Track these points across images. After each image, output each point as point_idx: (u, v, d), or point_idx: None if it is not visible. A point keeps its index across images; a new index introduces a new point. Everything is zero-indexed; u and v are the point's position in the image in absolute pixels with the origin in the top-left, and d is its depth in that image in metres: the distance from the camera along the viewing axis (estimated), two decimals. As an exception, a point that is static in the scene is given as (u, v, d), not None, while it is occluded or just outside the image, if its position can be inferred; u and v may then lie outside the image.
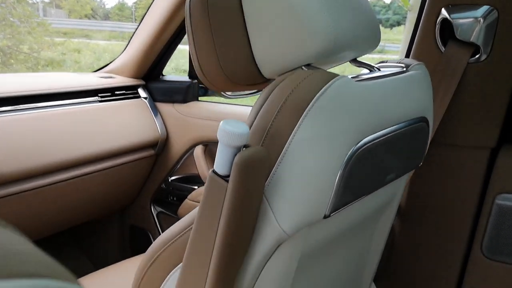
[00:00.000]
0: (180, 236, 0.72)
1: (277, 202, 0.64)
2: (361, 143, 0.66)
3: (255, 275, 0.69)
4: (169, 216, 1.68)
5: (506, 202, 1.02)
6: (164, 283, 0.74)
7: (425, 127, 0.84)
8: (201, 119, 1.55)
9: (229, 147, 0.61)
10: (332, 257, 0.88)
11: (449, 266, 1.12)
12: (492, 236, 1.05)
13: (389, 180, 0.81)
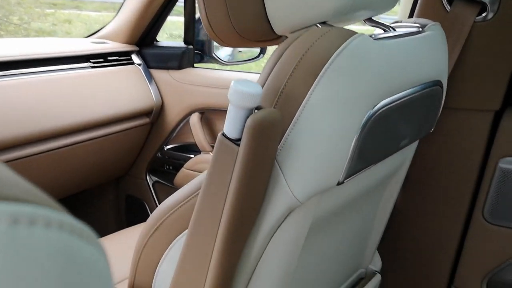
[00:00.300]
0: (186, 202, 0.69)
1: (289, 168, 0.61)
2: (378, 106, 0.63)
3: (264, 243, 0.67)
4: (165, 185, 1.66)
5: (509, 165, 1.00)
6: (169, 249, 0.71)
7: (440, 91, 0.81)
8: (197, 86, 1.51)
9: (241, 108, 0.58)
10: (340, 224, 0.86)
11: (450, 230, 1.11)
12: (494, 201, 1.03)
13: (402, 146, 0.79)
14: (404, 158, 0.93)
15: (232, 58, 1.72)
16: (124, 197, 1.78)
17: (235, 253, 0.65)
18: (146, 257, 0.74)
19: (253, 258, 0.68)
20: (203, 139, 1.50)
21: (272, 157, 0.61)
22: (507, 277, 1.05)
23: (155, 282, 0.74)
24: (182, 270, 0.67)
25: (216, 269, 0.63)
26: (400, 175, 0.97)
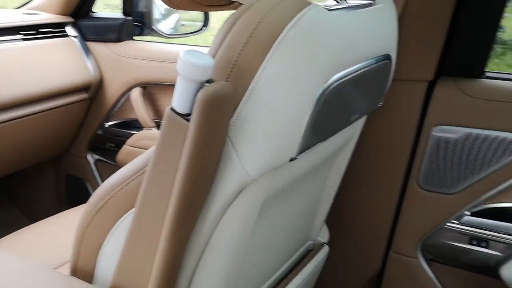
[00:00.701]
0: (132, 179, 0.66)
1: (242, 144, 0.59)
2: (332, 80, 0.62)
3: (215, 221, 0.65)
4: (108, 163, 1.61)
5: (441, 134, 1.03)
6: (114, 229, 0.68)
7: (389, 65, 0.81)
8: (138, 59, 1.46)
9: (191, 81, 0.55)
10: (290, 199, 0.86)
11: (388, 198, 1.15)
12: (427, 168, 1.07)
13: (353, 120, 0.79)
14: (353, 132, 0.94)
15: (175, 31, 1.68)
16: (64, 177, 1.72)
17: (185, 232, 0.63)
18: (89, 238, 0.70)
19: (204, 236, 0.66)
20: (145, 115, 1.46)
21: (224, 133, 0.59)
22: (439, 239, 1.10)
23: (99, 263, 0.71)
24: (128, 251, 0.65)
25: (166, 249, 0.61)
26: (349, 149, 0.99)
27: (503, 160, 0.98)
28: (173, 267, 0.64)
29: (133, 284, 0.65)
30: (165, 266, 0.62)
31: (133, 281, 0.66)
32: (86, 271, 0.72)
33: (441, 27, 1.00)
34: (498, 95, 0.98)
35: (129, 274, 0.66)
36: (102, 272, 0.71)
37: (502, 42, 4.76)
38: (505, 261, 1.02)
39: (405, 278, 1.16)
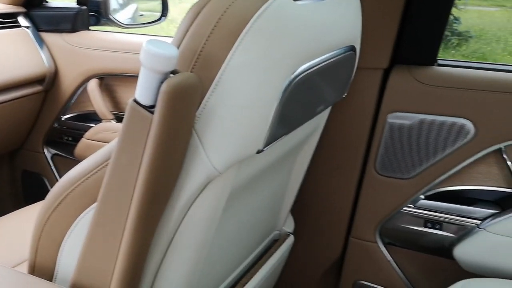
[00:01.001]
0: (92, 174, 0.64)
1: (208, 137, 0.58)
2: (298, 71, 0.62)
3: (181, 215, 0.64)
4: (65, 158, 1.57)
5: (396, 120, 1.06)
6: (74, 225, 0.66)
7: (353, 56, 0.81)
8: (95, 50, 1.42)
9: (155, 72, 0.53)
10: (256, 191, 0.86)
11: (348, 185, 1.17)
12: (384, 155, 1.09)
13: (319, 111, 0.79)
14: (318, 123, 0.95)
15: (133, 21, 1.65)
16: (20, 173, 1.67)
17: (150, 227, 0.62)
18: (48, 234, 0.68)
19: (169, 231, 0.65)
20: (103, 107, 1.43)
21: (190, 126, 0.58)
22: (396, 224, 1.13)
23: (59, 260, 0.69)
24: (90, 247, 0.64)
25: (130, 244, 0.60)
26: (314, 140, 0.99)
27: (455, 145, 1.01)
28: (137, 262, 0.63)
29: (95, 280, 0.64)
30: (129, 262, 0.61)
31: (95, 278, 0.64)
32: (46, 269, 0.70)
33: (395, 17, 1.02)
34: (450, 82, 1.01)
35: (91, 271, 0.64)
36: (63, 270, 0.69)
37: (457, 33, 4.91)
38: (458, 242, 1.06)
39: (364, 262, 1.19)
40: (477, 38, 5.05)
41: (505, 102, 0.97)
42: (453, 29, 4.73)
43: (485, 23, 5.41)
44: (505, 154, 0.99)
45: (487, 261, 1.02)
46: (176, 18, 5.68)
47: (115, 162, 0.59)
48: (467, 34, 4.99)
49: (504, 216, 1.01)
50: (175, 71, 0.55)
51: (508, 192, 1.03)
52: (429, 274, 1.15)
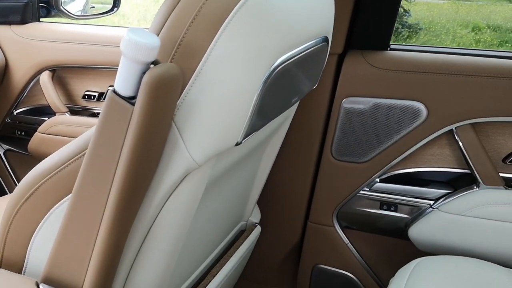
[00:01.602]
0: (66, 165, 0.63)
1: (188, 129, 0.57)
2: (277, 62, 0.61)
3: (158, 207, 0.64)
4: (19, 153, 1.53)
5: (351, 105, 1.08)
6: (46, 218, 0.65)
7: (326, 47, 0.82)
8: (46, 41, 1.38)
9: (136, 62, 0.52)
10: (226, 182, 0.86)
11: (305, 171, 1.18)
12: (339, 139, 1.12)
13: (293, 102, 0.79)
14: (288, 114, 0.96)
15: (84, 12, 1.61)
16: (-29, 170, 1.60)
17: (128, 220, 0.61)
18: (17, 228, 0.66)
19: (146, 223, 0.64)
20: (56, 100, 1.40)
21: (170, 117, 0.56)
22: (353, 207, 1.16)
23: (29, 254, 0.67)
24: (64, 239, 0.62)
25: (106, 237, 0.59)
26: (283, 131, 1.00)
27: (409, 127, 1.05)
28: (113, 255, 0.61)
29: (68, 274, 0.62)
30: (105, 255, 0.60)
31: (68, 271, 0.62)
32: (14, 263, 0.68)
33: (348, 2, 1.05)
34: (402, 66, 1.04)
35: (64, 264, 0.63)
36: (33, 263, 0.67)
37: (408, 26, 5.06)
38: (412, 222, 1.10)
39: (322, 246, 1.22)
40: (427, 30, 5.22)
41: (455, 84, 1.01)
42: (403, 21, 4.86)
43: (434, 15, 5.60)
44: (457, 135, 1.03)
45: (440, 240, 1.07)
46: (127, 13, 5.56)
47: (92, 154, 0.57)
48: (417, 26, 5.15)
49: (456, 196, 1.05)
50: (155, 61, 0.54)
51: (460, 173, 1.07)
52: (386, 255, 1.19)
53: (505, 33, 5.23)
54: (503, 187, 1.02)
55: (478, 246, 1.04)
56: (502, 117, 0.99)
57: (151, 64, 0.53)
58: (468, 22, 5.43)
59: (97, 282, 0.61)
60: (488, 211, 1.01)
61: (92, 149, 0.57)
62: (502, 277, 0.87)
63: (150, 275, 0.69)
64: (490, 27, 5.36)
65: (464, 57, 1.04)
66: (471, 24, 5.39)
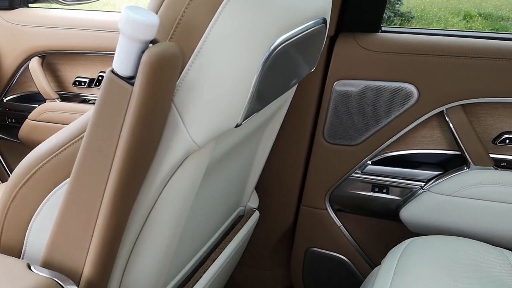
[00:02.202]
0: (63, 149, 0.62)
1: (188, 109, 0.56)
2: (277, 43, 0.61)
3: (159, 189, 0.63)
4: (9, 141, 1.52)
5: (342, 88, 1.09)
6: (45, 202, 0.64)
7: (324, 29, 0.81)
8: (35, 27, 1.37)
9: (135, 41, 0.51)
10: (225, 166, 0.85)
11: (298, 154, 1.19)
12: (331, 122, 1.12)
13: (292, 84, 0.78)
14: (286, 97, 0.95)
15: (74, -2, 1.59)
16: (-39, 158, 1.59)
17: (128, 202, 0.61)
18: (14, 214, 0.65)
19: (146, 206, 0.64)
20: (46, 86, 1.39)
21: (170, 98, 0.56)
22: (345, 190, 1.17)
23: (28, 239, 0.66)
24: (63, 223, 0.61)
25: (107, 220, 0.58)
26: (281, 114, 0.99)
27: (400, 109, 1.05)
28: (113, 239, 0.61)
29: (68, 258, 0.62)
30: (105, 238, 0.59)
31: (67, 255, 0.62)
32: (12, 248, 0.67)
33: None
34: (393, 47, 1.04)
35: (63, 248, 0.62)
36: (31, 248, 0.66)
37: (400, 14, 5.06)
38: (404, 204, 1.11)
39: (315, 229, 1.22)
40: (419, 18, 5.22)
41: (446, 65, 1.01)
42: (395, 9, 4.86)
43: (426, 4, 5.60)
44: (447, 117, 1.03)
45: (431, 220, 1.08)
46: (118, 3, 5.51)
47: (90, 136, 0.56)
48: (409, 14, 5.15)
49: (447, 177, 1.06)
50: (154, 40, 0.52)
51: (450, 154, 1.08)
52: (378, 237, 1.20)
53: (496, 21, 5.25)
54: (493, 167, 1.03)
55: (468, 226, 1.05)
56: (492, 98, 1.00)
57: (149, 43, 0.52)
58: (459, 10, 5.44)
59: (97, 266, 0.61)
60: (478, 191, 1.02)
61: (90, 131, 0.56)
62: (492, 256, 0.88)
63: (151, 259, 0.68)
64: (481, 15, 5.37)
65: (454, 39, 1.04)
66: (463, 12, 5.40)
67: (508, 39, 1.03)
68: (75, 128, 0.62)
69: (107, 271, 0.64)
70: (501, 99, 0.99)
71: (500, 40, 1.02)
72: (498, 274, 0.84)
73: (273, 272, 1.38)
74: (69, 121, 1.35)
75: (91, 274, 0.61)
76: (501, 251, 0.90)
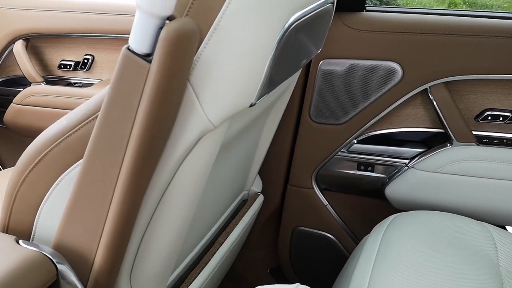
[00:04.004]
0: (74, 131, 0.61)
1: (204, 88, 0.56)
2: (291, 20, 0.60)
3: (173, 170, 0.62)
4: (-6, 126, 1.50)
5: (328, 67, 1.10)
6: (55, 185, 0.62)
7: (331, 9, 0.81)
8: (18, 9, 1.35)
9: (153, 16, 0.49)
10: (233, 149, 0.85)
11: (284, 133, 1.20)
12: (317, 101, 1.13)
13: (302, 65, 0.78)
14: (293, 79, 0.95)
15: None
16: None
17: (143, 183, 0.60)
18: (23, 197, 0.64)
19: (160, 188, 0.63)
20: (31, 69, 1.37)
21: (186, 75, 0.55)
22: (331, 169, 1.18)
23: (37, 223, 0.65)
24: (75, 205, 0.60)
25: (121, 202, 0.57)
26: (286, 97, 0.99)
27: (385, 88, 1.06)
28: (127, 221, 0.60)
29: (80, 241, 0.61)
30: (119, 221, 0.59)
31: (80, 238, 0.61)
32: (21, 232, 0.66)
33: None
34: (378, 26, 1.05)
35: (75, 231, 0.61)
36: (41, 232, 0.65)
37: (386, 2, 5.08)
38: (389, 181, 1.13)
39: (302, 208, 1.24)
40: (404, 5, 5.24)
41: (429, 43, 1.03)
42: (381, -3, 4.88)
43: (412, -9, 5.62)
44: (431, 95, 1.05)
45: (415, 197, 1.10)
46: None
47: (105, 116, 0.55)
48: (394, 2, 5.17)
49: (430, 154, 1.08)
50: (171, 16, 0.51)
51: (434, 132, 1.10)
52: (363, 215, 1.22)
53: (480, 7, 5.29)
54: (475, 143, 1.05)
55: (452, 202, 1.07)
56: (473, 75, 1.01)
57: (166, 20, 0.51)
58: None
59: (111, 249, 0.60)
60: (460, 167, 1.04)
61: (105, 111, 0.55)
62: (474, 229, 0.91)
63: (163, 242, 0.68)
64: (466, 3, 5.41)
65: (438, 17, 1.05)
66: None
67: (489, 17, 1.04)
68: (88, 108, 0.61)
69: (120, 254, 0.63)
70: (483, 76, 1.01)
71: (482, 18, 1.04)
72: (479, 247, 0.86)
73: (260, 253, 1.39)
74: (55, 104, 1.35)
75: (104, 257, 0.60)
76: (483, 225, 0.93)
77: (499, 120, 1.04)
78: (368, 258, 0.84)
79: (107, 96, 0.55)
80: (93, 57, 1.37)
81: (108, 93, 0.55)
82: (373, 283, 0.77)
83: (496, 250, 0.86)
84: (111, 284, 0.65)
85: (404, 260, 0.80)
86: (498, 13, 1.06)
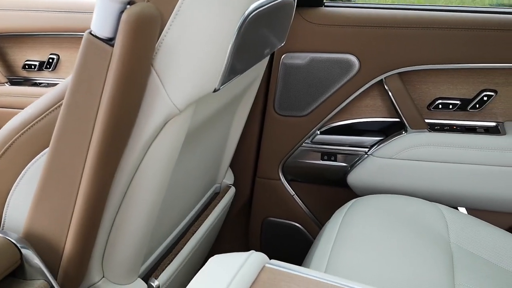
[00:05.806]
0: (42, 117, 0.61)
1: (168, 72, 0.56)
2: (251, 8, 0.62)
3: (140, 155, 0.63)
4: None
5: (290, 61, 1.14)
6: (23, 174, 0.62)
7: (292, 4, 0.83)
8: None
9: (113, 1, 0.50)
10: (202, 139, 0.86)
11: (251, 127, 1.23)
12: (281, 94, 1.17)
13: (265, 54, 0.80)
14: (258, 72, 0.98)
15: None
16: None
17: (110, 169, 0.60)
18: None
19: (128, 173, 0.63)
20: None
21: (149, 59, 0.55)
22: (296, 160, 1.23)
23: (6, 215, 0.65)
24: (43, 193, 0.60)
25: (89, 188, 0.58)
26: (253, 90, 1.02)
27: (343, 80, 1.12)
28: (96, 207, 0.60)
29: (49, 230, 0.61)
30: (88, 207, 0.59)
31: (49, 226, 0.61)
32: None
33: None
34: (336, 20, 1.10)
35: (44, 220, 0.61)
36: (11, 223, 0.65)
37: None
38: (350, 169, 1.18)
39: (271, 199, 1.28)
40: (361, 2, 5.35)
41: (384, 36, 1.08)
42: (343, -6, 4.96)
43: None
44: (386, 85, 1.11)
45: (375, 183, 1.16)
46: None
47: (70, 102, 0.56)
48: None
49: (387, 142, 1.14)
50: (132, 1, 0.52)
51: (391, 121, 1.16)
52: (328, 203, 1.27)
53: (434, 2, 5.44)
54: (427, 130, 1.11)
55: (408, 185, 1.13)
56: (425, 66, 1.08)
57: (127, 4, 0.52)
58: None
59: (80, 236, 0.60)
60: (414, 152, 1.11)
61: (70, 97, 0.56)
62: (427, 210, 0.97)
63: (134, 226, 0.68)
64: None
65: (392, 11, 1.11)
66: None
67: (438, 10, 1.11)
68: (53, 96, 0.62)
69: (90, 241, 0.64)
70: (433, 66, 1.07)
71: (433, 11, 1.10)
72: (432, 225, 0.92)
73: (231, 245, 1.42)
74: (20, 105, 1.34)
75: (73, 244, 0.61)
76: (436, 206, 0.99)
77: (449, 108, 1.11)
78: (328, 240, 0.89)
79: (71, 81, 0.55)
80: (58, 57, 1.38)
81: (72, 79, 0.55)
82: (332, 261, 0.81)
83: (447, 228, 0.92)
84: (83, 271, 0.66)
85: (361, 239, 0.85)
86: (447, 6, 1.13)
